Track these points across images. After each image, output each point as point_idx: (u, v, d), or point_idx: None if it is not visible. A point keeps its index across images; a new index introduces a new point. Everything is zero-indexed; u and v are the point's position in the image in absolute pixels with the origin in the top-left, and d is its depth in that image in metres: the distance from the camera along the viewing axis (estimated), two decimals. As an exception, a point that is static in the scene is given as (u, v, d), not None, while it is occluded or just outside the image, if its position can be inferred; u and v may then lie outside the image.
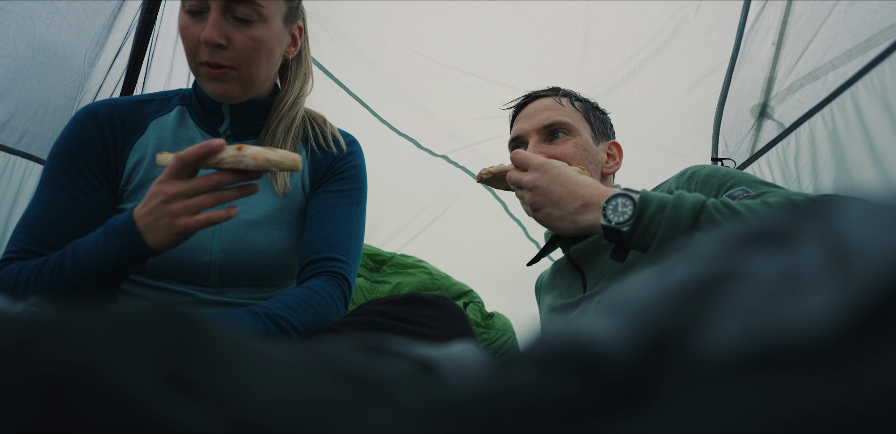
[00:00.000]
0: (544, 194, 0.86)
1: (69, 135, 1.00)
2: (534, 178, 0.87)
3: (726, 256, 0.21)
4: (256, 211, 1.03)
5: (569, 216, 0.84)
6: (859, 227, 0.19)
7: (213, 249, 0.99)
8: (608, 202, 0.80)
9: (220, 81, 0.96)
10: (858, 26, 1.60)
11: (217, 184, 0.75)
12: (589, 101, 1.28)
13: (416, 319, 0.92)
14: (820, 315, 0.17)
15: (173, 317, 0.21)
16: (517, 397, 0.19)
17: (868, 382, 0.14)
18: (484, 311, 1.63)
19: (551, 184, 0.86)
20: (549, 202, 0.86)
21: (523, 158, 0.91)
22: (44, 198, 0.96)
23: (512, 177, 0.92)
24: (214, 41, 0.92)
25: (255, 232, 1.02)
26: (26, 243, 0.92)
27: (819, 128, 1.74)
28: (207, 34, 0.91)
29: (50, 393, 0.16)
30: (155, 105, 1.07)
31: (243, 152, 0.73)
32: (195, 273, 0.99)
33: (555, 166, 0.88)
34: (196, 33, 0.93)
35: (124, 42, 1.89)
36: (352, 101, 2.33)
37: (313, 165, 1.12)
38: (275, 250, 1.04)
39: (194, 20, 0.94)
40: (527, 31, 2.18)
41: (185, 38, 0.95)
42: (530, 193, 0.88)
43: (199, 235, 0.98)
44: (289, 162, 0.75)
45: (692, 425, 0.15)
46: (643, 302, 0.22)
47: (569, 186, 0.85)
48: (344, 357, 0.28)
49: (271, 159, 0.73)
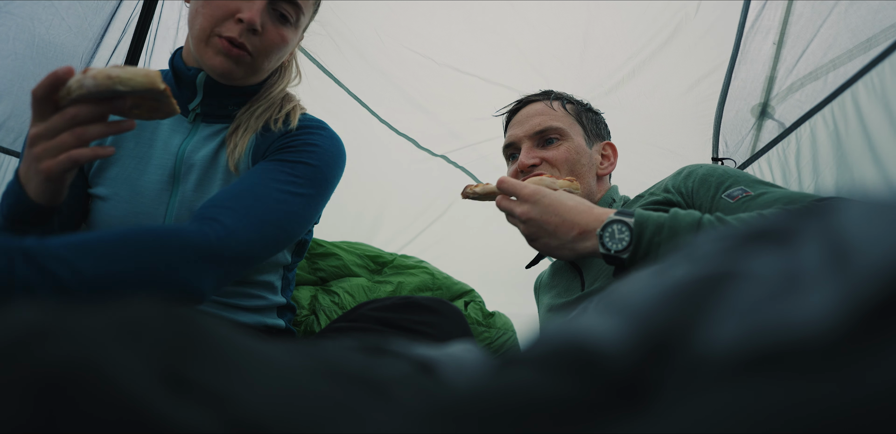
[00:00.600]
0: (539, 226, 0.85)
1: None
2: (526, 211, 0.86)
3: (726, 256, 0.21)
4: (208, 195, 0.98)
5: (567, 245, 0.83)
6: (859, 227, 0.19)
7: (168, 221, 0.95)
8: (604, 230, 0.79)
9: (229, 59, 0.94)
10: (859, 26, 1.60)
11: (73, 118, 0.66)
12: (581, 102, 1.28)
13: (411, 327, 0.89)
14: (819, 314, 0.17)
15: (173, 316, 0.21)
16: (517, 397, 0.19)
17: (867, 382, 0.14)
18: (485, 310, 1.63)
19: (545, 214, 0.84)
20: (545, 233, 0.85)
21: (511, 188, 0.89)
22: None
23: (503, 206, 0.90)
24: (255, 25, 0.91)
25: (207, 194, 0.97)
26: None
27: (819, 127, 1.74)
28: (252, 16, 0.90)
29: (49, 393, 0.16)
30: None
31: (86, 74, 0.64)
32: None
33: (545, 195, 0.86)
34: (232, 7, 0.92)
35: (120, 40, 1.89)
36: (351, 100, 2.33)
37: (255, 146, 1.00)
38: None
39: None
40: (526, 32, 2.18)
41: (215, 5, 0.92)
42: (524, 225, 0.87)
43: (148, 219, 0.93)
44: (140, 78, 0.64)
45: (692, 425, 0.15)
46: (643, 301, 0.22)
47: (563, 215, 0.83)
48: (344, 357, 0.28)
49: (114, 75, 0.63)
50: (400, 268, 1.71)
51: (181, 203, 0.97)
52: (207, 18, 0.92)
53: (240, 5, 0.92)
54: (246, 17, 0.91)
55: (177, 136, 1.01)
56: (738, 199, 0.93)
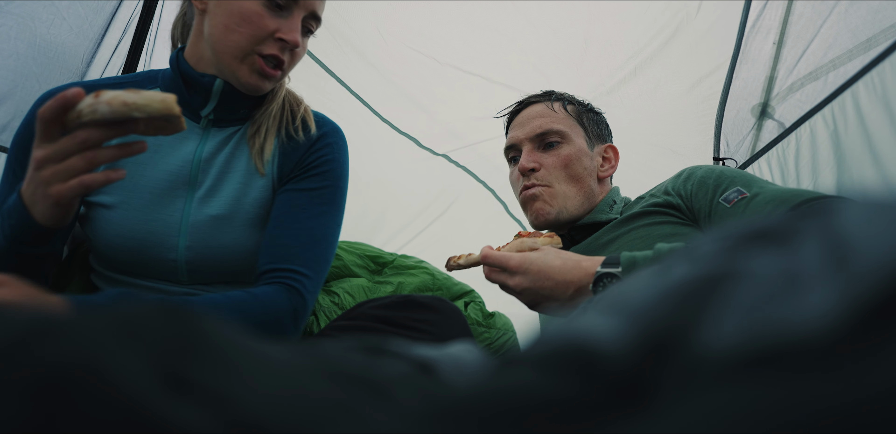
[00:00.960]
0: (536, 293, 0.86)
1: (27, 120, 0.94)
2: (519, 282, 0.87)
3: (726, 256, 0.21)
4: (224, 206, 0.98)
5: (567, 303, 0.85)
6: (859, 227, 0.19)
7: (179, 246, 0.95)
8: (595, 286, 0.81)
9: (265, 78, 0.96)
10: (859, 26, 1.60)
11: (84, 141, 0.65)
12: (582, 103, 1.28)
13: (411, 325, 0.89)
14: (819, 314, 0.17)
15: (172, 316, 0.21)
16: (517, 397, 0.19)
17: (867, 382, 0.14)
18: (485, 310, 1.63)
19: (537, 282, 0.86)
20: (543, 298, 0.86)
21: (497, 262, 0.90)
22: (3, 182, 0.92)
23: (494, 279, 0.92)
24: (298, 43, 0.94)
25: (223, 228, 0.97)
26: None
27: (819, 127, 1.74)
28: (296, 38, 0.93)
29: (49, 393, 0.16)
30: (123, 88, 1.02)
31: (99, 99, 0.62)
32: (162, 269, 0.95)
33: (532, 262, 0.87)
34: (271, 26, 0.92)
35: (121, 40, 1.89)
36: (353, 99, 2.34)
37: (282, 157, 1.02)
38: (244, 247, 0.98)
39: (271, 13, 0.93)
40: (527, 31, 2.18)
41: (252, 23, 0.91)
42: (521, 295, 0.89)
43: (165, 231, 0.93)
44: (156, 104, 0.63)
45: (692, 424, 0.15)
46: (643, 301, 0.22)
47: (555, 278, 0.85)
48: (343, 357, 0.28)
49: (130, 102, 0.62)
50: (400, 268, 1.71)
51: (197, 209, 0.96)
52: (246, 37, 0.92)
53: (278, 24, 0.93)
54: (290, 38, 0.93)
55: (188, 141, 1.00)
56: (734, 202, 0.95)
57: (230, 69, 0.95)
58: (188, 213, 0.96)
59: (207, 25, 0.95)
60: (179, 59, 1.00)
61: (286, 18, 0.94)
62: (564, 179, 1.16)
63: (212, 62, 0.97)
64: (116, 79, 1.04)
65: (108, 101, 0.62)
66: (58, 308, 0.62)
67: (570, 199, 1.15)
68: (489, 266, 0.92)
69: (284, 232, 0.96)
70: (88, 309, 0.21)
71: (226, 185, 0.99)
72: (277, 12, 0.93)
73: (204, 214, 0.96)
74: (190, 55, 1.00)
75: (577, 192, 1.16)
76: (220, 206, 0.97)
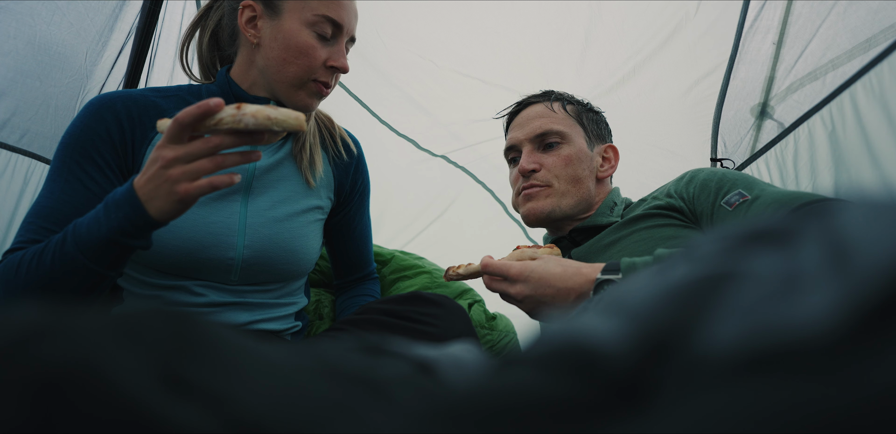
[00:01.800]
0: (537, 300, 0.87)
1: (84, 125, 0.96)
2: (520, 290, 0.88)
3: (726, 256, 0.21)
4: (279, 211, 1.04)
5: (568, 310, 0.86)
6: (859, 228, 0.19)
7: (239, 245, 0.99)
8: (595, 293, 0.82)
9: (319, 99, 1.06)
10: (858, 26, 1.59)
11: (217, 147, 0.71)
12: (582, 102, 1.28)
13: (417, 317, 0.92)
14: (819, 315, 0.17)
15: (171, 317, 0.21)
16: (516, 397, 0.19)
17: (868, 383, 0.14)
18: (488, 312, 1.63)
19: (539, 289, 0.86)
20: (544, 306, 0.87)
21: (498, 270, 0.91)
22: (55, 188, 0.93)
23: (495, 288, 0.93)
24: (347, 69, 1.04)
25: (280, 229, 1.03)
26: (34, 233, 0.89)
27: (818, 128, 1.74)
28: (344, 63, 1.03)
29: (47, 393, 0.16)
30: (171, 101, 1.04)
31: (242, 111, 0.69)
32: (217, 269, 0.98)
33: (533, 270, 0.87)
34: (322, 55, 1.01)
35: (126, 41, 1.89)
36: (352, 101, 2.34)
37: (337, 177, 1.17)
38: (298, 247, 1.05)
39: (322, 44, 1.01)
40: (526, 34, 2.18)
41: (308, 55, 1.00)
42: (522, 304, 0.90)
43: (224, 231, 0.98)
44: (292, 120, 0.71)
45: (692, 425, 0.15)
46: (643, 301, 0.22)
47: (556, 285, 0.85)
48: (343, 357, 0.28)
49: (273, 117, 0.69)
50: (399, 267, 1.71)
51: (254, 211, 1.02)
52: (303, 69, 1.01)
53: (329, 53, 1.02)
54: (340, 65, 1.03)
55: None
56: (736, 205, 0.95)
57: (286, 95, 1.04)
58: (245, 215, 1.01)
59: (262, 57, 1.02)
60: (230, 82, 1.06)
61: (334, 46, 1.03)
62: (565, 179, 1.16)
63: (265, 87, 1.05)
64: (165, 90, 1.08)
65: (254, 114, 0.69)
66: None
67: (567, 198, 1.16)
68: (490, 275, 0.92)
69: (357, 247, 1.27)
70: (87, 310, 0.21)
71: (279, 192, 1.07)
72: (326, 42, 1.02)
73: (261, 216, 1.02)
74: (241, 79, 1.06)
75: (576, 192, 1.16)
76: (275, 211, 1.04)
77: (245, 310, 1.02)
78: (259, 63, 1.03)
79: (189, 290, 0.98)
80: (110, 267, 0.80)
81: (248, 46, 1.04)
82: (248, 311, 1.03)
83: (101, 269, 0.79)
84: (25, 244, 0.88)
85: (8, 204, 1.70)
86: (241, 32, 1.03)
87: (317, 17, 0.99)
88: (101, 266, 0.78)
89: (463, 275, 0.99)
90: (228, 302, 1.00)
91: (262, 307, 1.05)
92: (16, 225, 1.70)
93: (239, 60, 1.06)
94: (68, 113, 1.80)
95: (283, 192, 1.07)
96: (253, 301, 1.03)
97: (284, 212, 1.05)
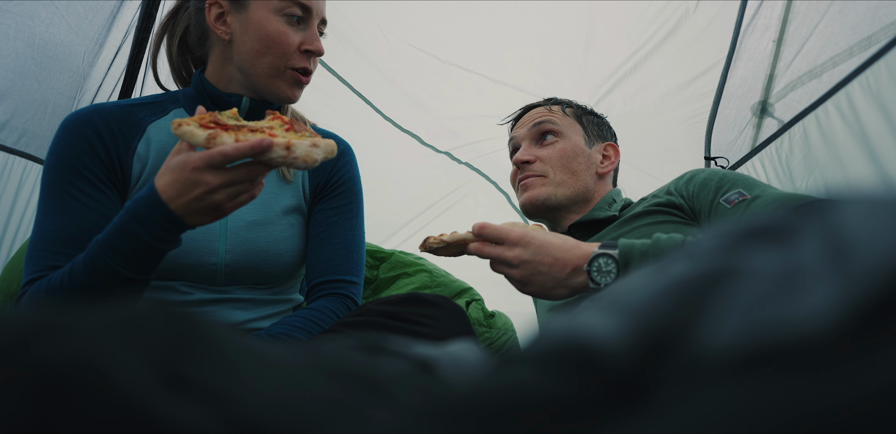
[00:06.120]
0: (534, 267, 0.84)
1: (66, 142, 0.96)
2: (518, 254, 0.85)
3: (725, 253, 0.21)
4: (258, 213, 1.04)
5: (562, 283, 0.84)
6: (859, 225, 0.19)
7: (220, 250, 0.99)
8: (591, 265, 0.81)
9: (299, 88, 1.03)
10: (858, 23, 1.59)
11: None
12: (582, 106, 1.32)
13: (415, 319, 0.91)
14: (819, 313, 0.16)
15: (172, 316, 0.21)
16: (516, 395, 0.19)
17: (867, 380, 0.14)
18: (486, 310, 1.63)
19: (537, 255, 0.84)
20: (539, 274, 0.85)
21: (496, 233, 0.87)
22: (52, 211, 0.92)
23: (489, 252, 0.88)
24: (322, 51, 1.01)
25: (259, 233, 1.03)
26: (48, 259, 0.88)
27: (813, 127, 1.74)
28: (318, 45, 1.01)
29: (47, 392, 0.16)
30: (147, 109, 1.05)
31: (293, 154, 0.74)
32: (201, 273, 0.99)
33: (534, 237, 0.86)
34: (296, 40, 1.00)
35: (123, 41, 1.89)
36: (355, 97, 2.34)
37: (312, 174, 1.13)
38: (280, 251, 1.04)
39: (293, 29, 1.00)
40: (529, 30, 2.18)
41: (281, 43, 0.99)
42: (517, 269, 0.86)
43: (205, 237, 0.98)
44: (328, 154, 0.77)
45: (691, 423, 0.15)
46: (642, 299, 0.22)
47: (555, 254, 0.84)
48: (343, 356, 0.28)
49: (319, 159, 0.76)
50: (399, 263, 1.71)
51: (234, 215, 1.02)
52: (278, 57, 0.99)
53: (301, 37, 1.00)
54: (315, 48, 1.00)
55: None
56: (735, 203, 0.96)
57: (267, 87, 1.02)
58: (226, 220, 1.01)
59: (236, 52, 1.01)
60: (203, 81, 1.05)
61: (305, 30, 1.01)
62: (560, 170, 1.18)
63: (243, 83, 1.03)
64: (139, 99, 1.08)
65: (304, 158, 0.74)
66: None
67: (562, 188, 1.18)
68: (485, 239, 0.89)
69: (326, 249, 1.09)
70: (88, 309, 0.21)
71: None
72: (297, 26, 1.00)
73: (241, 220, 1.02)
74: (216, 78, 1.05)
75: (572, 183, 1.18)
76: (254, 213, 1.03)
77: (238, 307, 1.03)
78: (234, 58, 1.02)
79: (176, 289, 0.99)
80: (150, 272, 0.84)
81: (219, 44, 1.03)
82: (242, 310, 1.03)
83: (146, 276, 0.83)
84: (44, 272, 0.88)
85: (5, 204, 1.70)
86: (211, 31, 1.02)
87: (284, 3, 0.98)
88: (145, 274, 0.83)
89: (448, 242, 0.92)
90: (217, 299, 1.01)
91: (254, 304, 1.05)
92: (11, 226, 1.70)
93: (212, 60, 1.05)
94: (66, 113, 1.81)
95: (262, 192, 1.05)
96: (243, 297, 1.03)
97: (265, 215, 1.04)
